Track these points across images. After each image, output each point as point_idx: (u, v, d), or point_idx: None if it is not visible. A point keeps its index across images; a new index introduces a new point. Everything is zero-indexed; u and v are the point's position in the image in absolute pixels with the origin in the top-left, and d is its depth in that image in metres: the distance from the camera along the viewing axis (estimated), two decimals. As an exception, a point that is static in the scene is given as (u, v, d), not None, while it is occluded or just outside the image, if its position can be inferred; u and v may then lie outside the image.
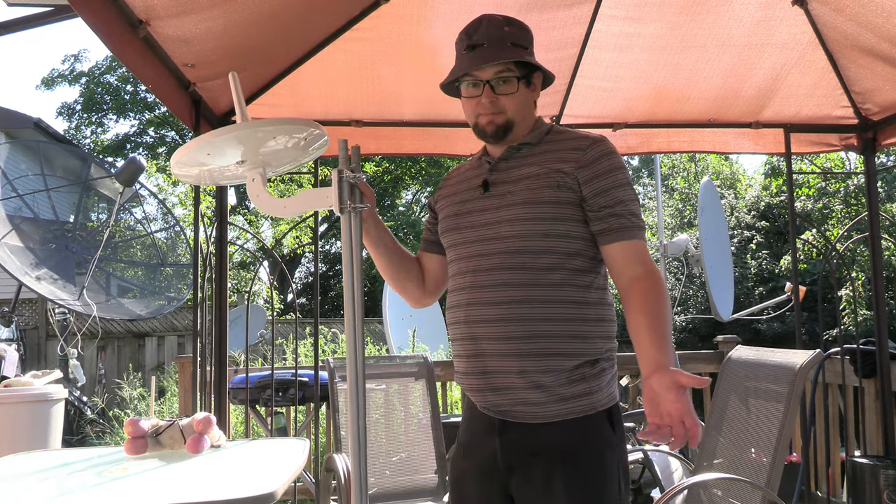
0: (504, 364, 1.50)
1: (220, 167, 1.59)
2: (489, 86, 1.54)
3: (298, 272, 17.62)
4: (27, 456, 2.01)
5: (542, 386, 1.48)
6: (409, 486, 3.04)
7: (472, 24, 1.58)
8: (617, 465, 1.49)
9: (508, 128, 1.57)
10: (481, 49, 1.54)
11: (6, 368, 3.80)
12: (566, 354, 1.49)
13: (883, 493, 3.14)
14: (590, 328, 1.52)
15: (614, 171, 1.52)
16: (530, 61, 1.55)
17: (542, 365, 1.47)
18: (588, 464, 1.47)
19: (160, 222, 8.78)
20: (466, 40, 1.57)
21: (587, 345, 1.51)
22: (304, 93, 3.18)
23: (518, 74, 1.55)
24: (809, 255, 8.80)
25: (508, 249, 1.52)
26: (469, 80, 1.56)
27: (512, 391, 1.50)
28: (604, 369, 1.53)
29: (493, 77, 1.54)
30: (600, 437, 1.50)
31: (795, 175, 7.81)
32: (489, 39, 1.54)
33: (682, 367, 4.34)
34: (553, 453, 1.47)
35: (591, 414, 1.49)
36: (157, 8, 2.14)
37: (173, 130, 16.74)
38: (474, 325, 1.53)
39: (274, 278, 4.44)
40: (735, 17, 2.92)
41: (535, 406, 1.49)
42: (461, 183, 1.67)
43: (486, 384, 1.53)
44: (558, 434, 1.48)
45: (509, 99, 1.55)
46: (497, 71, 1.53)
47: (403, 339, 6.13)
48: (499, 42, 1.54)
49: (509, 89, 1.55)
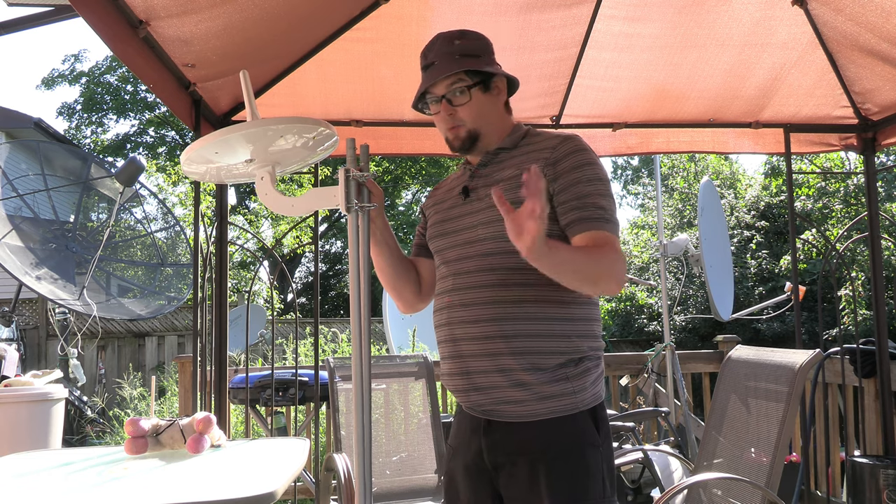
0: (483, 363, 1.52)
1: (227, 165, 1.60)
2: (446, 100, 1.59)
3: (298, 272, 17.62)
4: (27, 456, 2.01)
5: (524, 384, 1.49)
6: (408, 486, 3.04)
7: (429, 43, 1.63)
8: (601, 464, 1.50)
9: (473, 137, 1.61)
10: (432, 67, 1.59)
11: (6, 368, 3.80)
12: (547, 353, 1.49)
13: (883, 493, 3.15)
14: (571, 326, 1.52)
15: (580, 167, 1.52)
16: (477, 69, 1.57)
17: (522, 363, 1.49)
18: (571, 463, 1.47)
19: (160, 222, 8.77)
20: (423, 61, 1.63)
21: (569, 343, 1.51)
22: (303, 93, 3.18)
23: (469, 83, 1.58)
24: (809, 254, 8.80)
25: (485, 251, 1.55)
26: (430, 97, 1.61)
27: (494, 390, 1.52)
28: (588, 369, 1.53)
29: (447, 91, 1.58)
30: (584, 436, 1.50)
31: (795, 175, 7.81)
32: (439, 56, 1.59)
33: (682, 366, 4.35)
34: (536, 452, 1.48)
35: (574, 413, 1.50)
36: (157, 8, 2.14)
37: (173, 130, 16.73)
38: (454, 326, 1.56)
39: (274, 278, 4.44)
40: (735, 17, 2.92)
41: (518, 404, 1.50)
42: (448, 191, 1.72)
43: (469, 384, 1.55)
44: (541, 433, 1.49)
45: (465, 109, 1.59)
46: (448, 84, 1.58)
47: (403, 338, 6.13)
48: (447, 57, 1.58)
49: (463, 100, 1.59)
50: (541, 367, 1.49)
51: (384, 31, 2.89)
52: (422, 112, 1.70)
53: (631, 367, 4.55)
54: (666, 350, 4.27)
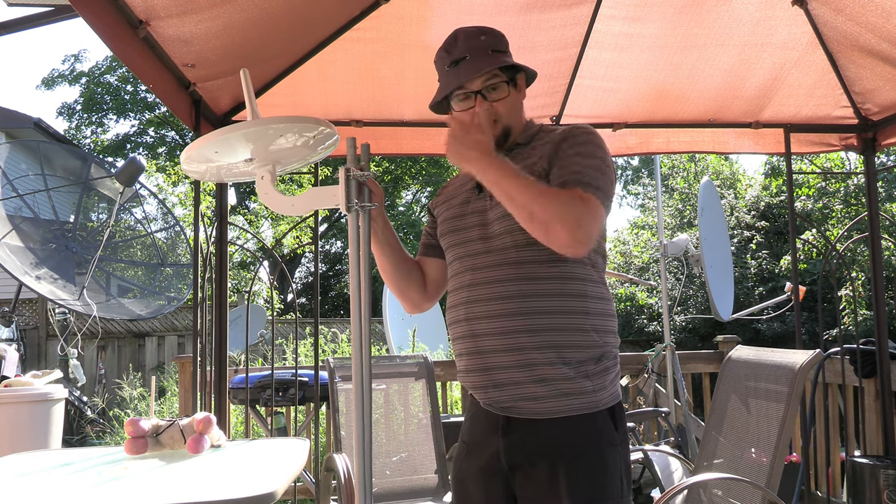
0: (505, 359, 1.51)
1: (227, 164, 1.60)
2: (481, 95, 1.57)
3: (298, 272, 17.62)
4: (27, 456, 2.01)
5: (545, 380, 1.48)
6: (409, 486, 3.04)
7: (449, 40, 1.62)
8: (619, 463, 1.50)
9: (506, 133, 1.61)
10: (465, 62, 1.57)
11: (6, 368, 3.80)
12: (569, 347, 1.49)
13: (883, 493, 3.15)
14: (591, 321, 1.52)
15: (578, 145, 1.52)
16: (514, 64, 1.59)
17: (549, 356, 1.48)
18: (591, 463, 1.47)
19: (160, 222, 8.77)
20: (448, 57, 1.60)
21: (589, 338, 1.51)
22: (303, 93, 3.18)
23: (505, 79, 1.59)
24: (809, 255, 8.80)
25: (503, 245, 1.54)
26: (460, 94, 1.59)
27: (514, 386, 1.51)
28: (607, 368, 1.54)
29: (482, 86, 1.57)
30: (603, 435, 1.50)
31: (795, 175, 7.81)
32: (470, 51, 1.58)
33: (683, 367, 4.34)
34: (556, 452, 1.48)
35: (594, 412, 1.50)
36: (157, 8, 2.14)
37: (173, 130, 16.73)
38: (474, 321, 1.55)
39: (274, 278, 4.44)
40: (735, 17, 2.92)
41: (538, 401, 1.49)
42: (459, 187, 1.71)
43: (488, 380, 1.54)
44: (561, 432, 1.48)
45: (502, 104, 1.59)
46: (485, 79, 1.57)
47: (403, 338, 6.13)
48: (481, 51, 1.58)
49: (500, 95, 1.58)
50: (567, 360, 1.48)
51: (384, 31, 2.89)
52: (435, 111, 1.68)
53: (631, 368, 4.55)
54: (666, 350, 4.27)
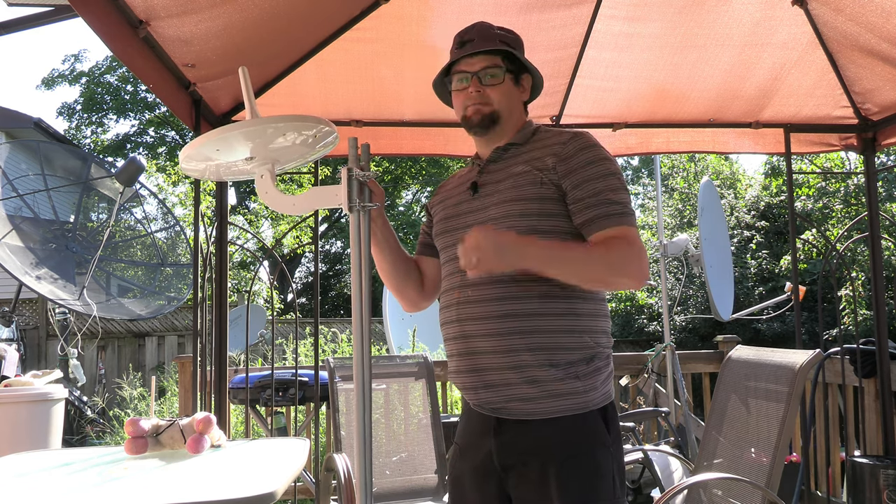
0: (496, 360, 1.51)
1: (227, 163, 1.60)
2: (476, 77, 1.60)
3: (298, 272, 17.61)
4: (27, 456, 2.01)
5: (536, 381, 1.49)
6: (409, 486, 3.04)
7: (466, 28, 1.66)
8: (611, 464, 1.50)
9: (494, 119, 1.62)
10: (470, 43, 1.62)
11: (6, 368, 3.80)
12: (559, 348, 1.49)
13: (883, 493, 3.14)
14: (581, 322, 1.52)
15: (592, 164, 1.53)
16: (517, 56, 1.62)
17: (539, 358, 1.48)
18: (582, 464, 1.47)
19: (160, 222, 8.77)
20: (458, 39, 1.65)
21: (580, 339, 1.51)
22: (303, 93, 3.18)
23: (506, 69, 1.62)
24: (809, 254, 8.80)
25: None
26: (459, 76, 1.63)
27: (505, 387, 1.51)
28: (599, 368, 1.53)
29: (480, 70, 1.60)
30: (594, 436, 1.50)
31: (795, 175, 7.81)
32: (479, 35, 1.62)
33: (682, 367, 4.35)
34: (547, 453, 1.48)
35: (585, 412, 1.50)
36: (157, 8, 2.14)
37: (173, 130, 16.72)
38: (465, 322, 1.55)
39: (274, 278, 4.44)
40: (735, 17, 2.92)
41: (528, 402, 1.49)
42: (455, 188, 1.72)
43: (479, 381, 1.55)
44: (552, 432, 1.49)
45: (496, 90, 1.61)
46: (484, 65, 1.60)
47: (403, 338, 6.13)
48: (489, 36, 1.62)
49: (496, 81, 1.61)
50: (556, 363, 1.48)
51: (384, 31, 2.89)
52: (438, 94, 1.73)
53: (631, 368, 4.55)
54: (666, 350, 4.27)
